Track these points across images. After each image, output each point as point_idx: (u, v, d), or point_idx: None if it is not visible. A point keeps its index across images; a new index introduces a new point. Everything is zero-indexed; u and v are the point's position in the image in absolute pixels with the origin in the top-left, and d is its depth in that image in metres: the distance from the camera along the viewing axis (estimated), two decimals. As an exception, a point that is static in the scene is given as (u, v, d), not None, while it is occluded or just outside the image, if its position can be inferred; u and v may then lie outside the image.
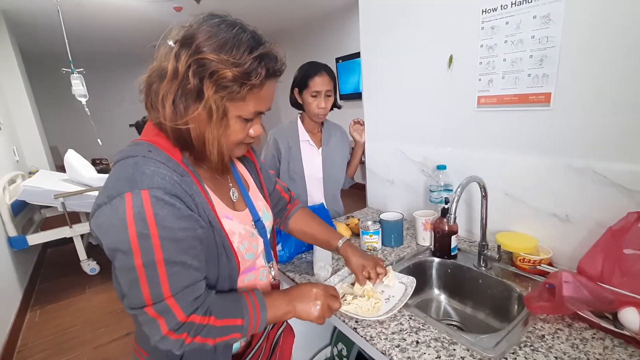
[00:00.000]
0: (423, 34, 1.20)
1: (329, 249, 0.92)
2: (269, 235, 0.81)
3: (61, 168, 4.25)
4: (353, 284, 0.92)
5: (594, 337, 0.71)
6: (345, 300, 0.85)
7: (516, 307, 0.92)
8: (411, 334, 0.76)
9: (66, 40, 3.15)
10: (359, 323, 0.81)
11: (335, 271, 1.02)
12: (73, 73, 3.05)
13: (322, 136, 1.51)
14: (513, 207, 1.06)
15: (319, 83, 1.34)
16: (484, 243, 1.01)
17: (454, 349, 0.71)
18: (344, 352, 1.31)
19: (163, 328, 0.53)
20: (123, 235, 0.51)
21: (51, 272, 3.08)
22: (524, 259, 0.97)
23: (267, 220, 0.80)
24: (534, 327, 0.75)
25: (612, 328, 0.70)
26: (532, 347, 0.69)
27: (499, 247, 0.99)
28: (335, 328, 1.42)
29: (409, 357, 0.70)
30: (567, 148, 0.92)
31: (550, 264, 0.95)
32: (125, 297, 0.55)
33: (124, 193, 0.51)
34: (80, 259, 2.87)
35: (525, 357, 0.67)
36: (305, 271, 1.08)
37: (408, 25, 1.25)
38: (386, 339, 0.75)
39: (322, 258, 1.04)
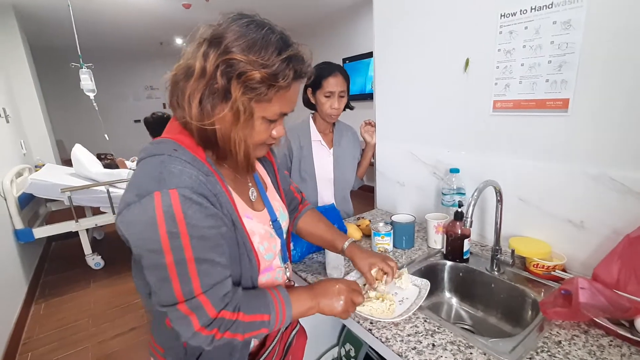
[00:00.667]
0: (439, 36, 1.20)
1: (335, 250, 0.92)
2: (284, 236, 0.81)
3: (66, 162, 4.26)
4: (364, 286, 0.92)
5: (610, 345, 0.71)
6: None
7: (530, 312, 0.92)
8: (427, 337, 0.76)
9: (76, 35, 3.16)
10: (374, 324, 0.81)
11: (347, 273, 1.02)
12: (82, 68, 3.05)
13: (334, 136, 1.51)
14: (527, 212, 1.06)
15: (333, 84, 1.34)
16: (497, 247, 1.01)
17: (471, 353, 0.71)
18: (352, 353, 1.31)
19: (195, 324, 0.54)
20: (153, 234, 0.51)
21: (55, 266, 3.09)
22: (538, 264, 0.97)
23: (284, 221, 0.80)
24: (550, 333, 0.75)
25: (630, 336, 0.70)
26: (549, 353, 0.69)
27: (512, 251, 0.99)
28: (343, 328, 1.42)
29: (425, 360, 0.70)
30: (583, 154, 0.92)
31: (563, 270, 0.95)
32: (155, 294, 0.56)
33: (153, 192, 0.52)
34: (85, 254, 2.89)
35: (543, 363, 0.67)
36: (317, 271, 1.08)
37: (424, 27, 1.25)
38: (402, 341, 0.76)
39: (334, 259, 1.04)
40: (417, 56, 1.30)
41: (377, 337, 0.78)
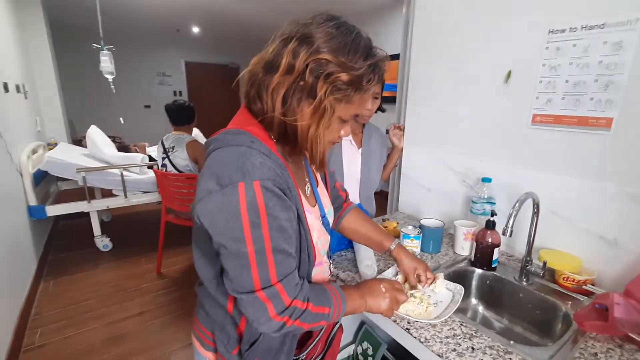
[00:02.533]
0: (482, 45, 1.22)
1: (381, 249, 0.94)
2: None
3: (76, 142, 4.27)
4: (404, 284, 0.94)
5: (646, 360, 0.73)
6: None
7: (560, 324, 0.94)
8: (465, 340, 0.78)
9: (99, 16, 3.16)
10: (412, 324, 0.83)
11: (380, 271, 1.04)
12: (103, 50, 3.05)
13: (363, 137, 1.53)
14: (558, 226, 1.08)
15: (370, 85, 1.35)
16: (528, 258, 1.03)
17: (510, 358, 0.73)
18: (370, 352, 1.33)
19: (271, 311, 0.56)
20: (237, 224, 0.53)
21: (63, 245, 3.10)
22: (568, 277, 0.99)
23: (331, 217, 0.82)
24: (585, 345, 0.78)
25: (666, 353, 0.72)
26: (587, 364, 0.72)
27: (544, 263, 1.01)
28: (360, 327, 1.44)
29: (466, 362, 0.72)
30: (623, 173, 0.94)
31: (592, 285, 0.98)
32: (231, 281, 0.57)
33: (237, 182, 0.53)
34: (95, 235, 2.89)
35: (582, 373, 0.69)
36: (348, 268, 1.10)
37: (467, 34, 1.26)
38: (441, 342, 0.78)
39: (367, 257, 1.06)
40: (456, 63, 1.31)
41: (415, 337, 0.80)
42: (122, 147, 3.38)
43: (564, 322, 0.92)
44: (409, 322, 0.84)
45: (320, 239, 0.70)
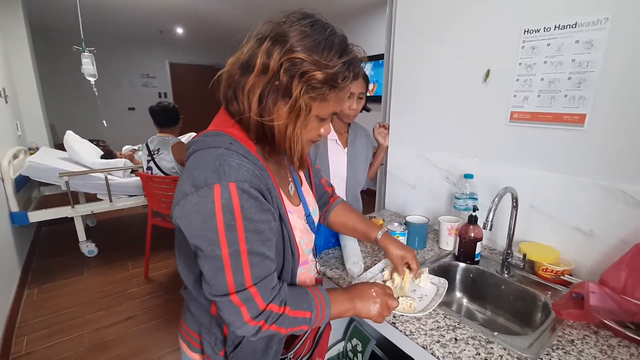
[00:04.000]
0: (461, 45, 1.25)
1: (368, 240, 0.95)
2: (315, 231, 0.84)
3: (58, 146, 4.17)
4: (384, 282, 0.96)
5: (619, 345, 0.77)
6: None
7: (539, 313, 0.97)
8: (449, 331, 0.81)
9: (80, 18, 3.10)
10: (397, 318, 0.85)
11: (367, 268, 1.06)
12: (84, 52, 3.00)
13: (349, 136, 1.54)
14: (537, 219, 1.12)
15: (354, 85, 1.37)
16: (509, 251, 1.06)
17: (492, 348, 0.75)
18: (359, 348, 1.35)
19: (245, 315, 0.56)
20: (211, 225, 0.53)
21: (47, 251, 3.03)
22: (547, 268, 1.02)
23: (316, 216, 0.83)
24: (563, 332, 0.81)
25: (638, 337, 0.76)
26: (564, 350, 0.75)
27: (524, 255, 1.04)
28: (350, 323, 1.45)
29: (450, 353, 0.74)
30: (596, 167, 0.98)
31: (570, 275, 1.01)
32: (207, 284, 0.57)
33: (212, 184, 0.53)
34: (80, 240, 2.84)
35: (559, 358, 0.72)
36: (335, 266, 1.12)
37: (446, 35, 1.29)
38: (425, 334, 0.80)
39: (354, 254, 1.08)
40: (437, 63, 1.34)
41: (400, 331, 0.82)
42: (107, 153, 3.32)
43: (543, 311, 0.96)
44: (394, 317, 0.85)
45: (303, 238, 0.71)
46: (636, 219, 0.91)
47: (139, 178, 2.68)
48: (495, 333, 0.80)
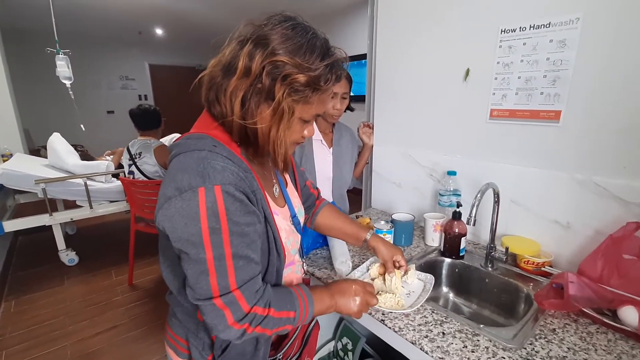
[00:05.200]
0: (441, 45, 1.27)
1: (357, 242, 0.95)
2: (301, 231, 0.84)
3: (34, 152, 4.02)
4: (373, 280, 0.97)
5: (598, 331, 0.80)
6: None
7: (523, 304, 1.00)
8: (436, 326, 0.82)
9: (53, 18, 3.00)
10: (386, 315, 0.86)
11: (355, 267, 1.07)
12: (58, 54, 2.90)
13: (334, 136, 1.55)
14: (518, 213, 1.15)
15: (337, 85, 1.37)
16: (492, 245, 1.09)
17: (478, 340, 0.77)
18: (349, 347, 1.36)
19: (229, 318, 0.56)
20: (195, 229, 0.53)
21: (25, 262, 2.92)
22: (528, 261, 1.06)
23: (301, 217, 0.83)
24: (545, 322, 0.83)
25: (614, 324, 0.79)
26: (546, 339, 0.77)
27: (506, 249, 1.07)
28: (340, 322, 1.46)
29: (438, 347, 0.75)
30: (572, 162, 1.02)
31: (551, 266, 1.05)
32: (191, 288, 0.57)
33: (196, 187, 0.53)
34: (59, 249, 2.75)
35: (542, 347, 0.75)
36: (323, 266, 1.12)
37: (427, 35, 1.31)
38: (414, 330, 0.81)
39: (342, 254, 1.08)
40: (419, 63, 1.37)
41: (390, 327, 0.83)
42: (86, 158, 3.22)
43: (526, 302, 0.99)
44: (383, 314, 0.87)
45: (289, 239, 0.71)
46: (609, 211, 0.95)
47: (120, 183, 2.61)
48: (481, 326, 0.82)
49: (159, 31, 5.50)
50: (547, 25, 1.01)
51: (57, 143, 2.82)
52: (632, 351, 0.73)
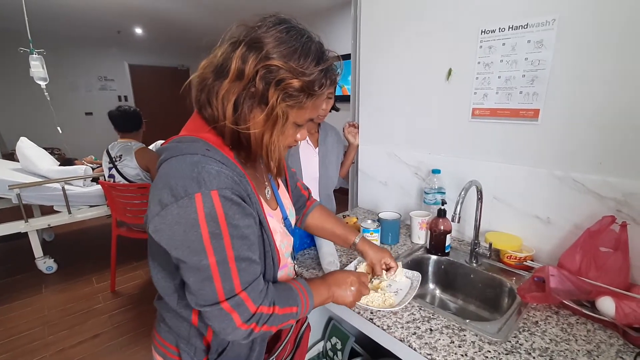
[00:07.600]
0: (424, 45, 1.29)
1: (346, 244, 0.96)
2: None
3: (7, 156, 3.87)
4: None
5: (577, 322, 0.83)
6: None
7: (506, 298, 1.02)
8: (424, 323, 0.83)
9: (26, 17, 2.88)
10: (375, 314, 0.87)
11: (343, 266, 1.07)
12: (32, 54, 2.79)
13: (319, 136, 1.55)
14: (500, 210, 1.18)
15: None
16: (476, 241, 1.11)
17: (464, 335, 0.79)
18: (338, 346, 1.36)
19: (237, 320, 0.55)
20: (195, 235, 0.52)
21: (0, 270, 2.80)
22: (511, 255, 1.08)
23: (293, 219, 0.83)
24: (528, 315, 0.86)
25: (593, 314, 0.82)
26: (529, 332, 0.79)
27: (490, 245, 1.09)
28: (328, 322, 1.46)
29: (426, 343, 0.76)
30: (551, 159, 1.05)
31: (532, 260, 1.08)
32: (193, 294, 0.56)
33: (193, 193, 0.51)
34: (36, 257, 2.64)
35: (526, 340, 0.77)
36: (312, 266, 1.12)
37: (410, 35, 1.33)
38: (402, 327, 0.82)
39: (330, 254, 1.09)
40: (402, 63, 1.38)
41: (378, 326, 0.84)
42: (65, 162, 3.11)
43: (509, 296, 1.01)
44: (372, 312, 0.87)
45: (283, 242, 0.71)
46: (587, 205, 0.99)
47: (100, 187, 2.54)
48: (467, 321, 0.84)
49: (138, 30, 5.37)
50: (525, 26, 1.03)
51: (26, 148, 2.72)
52: (610, 340, 0.76)
